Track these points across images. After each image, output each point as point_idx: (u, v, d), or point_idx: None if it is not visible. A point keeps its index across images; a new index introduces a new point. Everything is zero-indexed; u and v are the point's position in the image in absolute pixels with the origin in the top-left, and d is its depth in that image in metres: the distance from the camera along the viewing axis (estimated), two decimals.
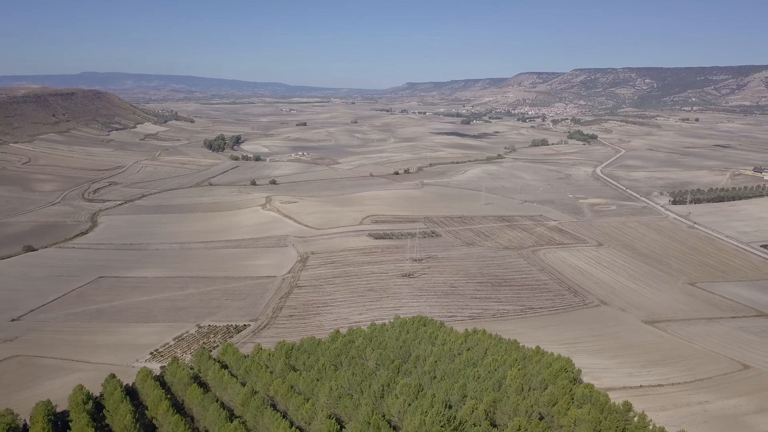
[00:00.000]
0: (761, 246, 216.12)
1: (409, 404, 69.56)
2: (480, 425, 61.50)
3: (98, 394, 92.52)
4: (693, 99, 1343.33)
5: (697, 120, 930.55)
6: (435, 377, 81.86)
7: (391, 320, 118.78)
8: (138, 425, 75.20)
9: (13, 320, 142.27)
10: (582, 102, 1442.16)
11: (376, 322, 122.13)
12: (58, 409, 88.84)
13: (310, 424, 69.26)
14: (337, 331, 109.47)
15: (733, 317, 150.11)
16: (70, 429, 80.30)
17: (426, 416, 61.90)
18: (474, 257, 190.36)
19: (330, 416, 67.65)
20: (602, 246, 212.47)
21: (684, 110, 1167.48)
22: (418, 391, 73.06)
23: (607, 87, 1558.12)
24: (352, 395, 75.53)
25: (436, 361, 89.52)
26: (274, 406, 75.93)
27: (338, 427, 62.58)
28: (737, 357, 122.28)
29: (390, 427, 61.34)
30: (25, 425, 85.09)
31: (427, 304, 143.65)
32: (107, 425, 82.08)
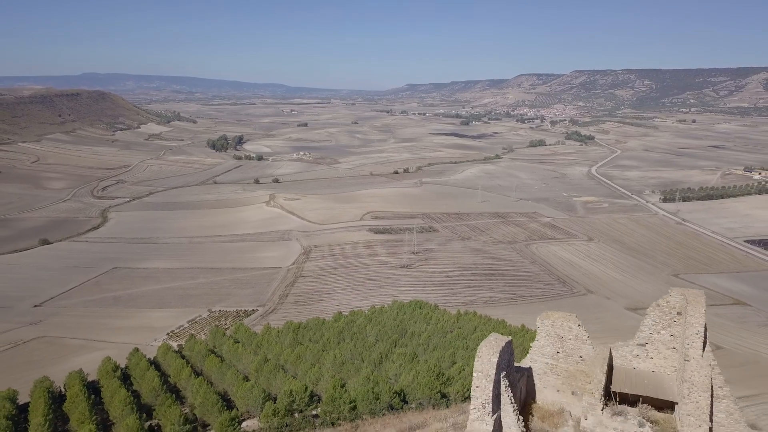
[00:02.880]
0: (745, 241, 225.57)
1: (404, 368, 79.09)
2: (465, 380, 70.98)
3: (124, 366, 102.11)
4: (691, 100, 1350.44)
5: (694, 121, 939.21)
6: (428, 348, 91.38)
7: (390, 304, 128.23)
8: (164, 387, 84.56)
9: (36, 306, 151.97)
10: (581, 103, 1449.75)
11: (375, 306, 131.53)
12: (88, 379, 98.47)
13: (317, 384, 78.73)
14: (340, 313, 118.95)
15: (711, 305, 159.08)
16: (101, 394, 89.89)
17: (418, 374, 71.36)
18: (469, 250, 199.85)
19: (334, 377, 77.07)
20: (592, 241, 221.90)
21: (682, 112, 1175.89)
22: (413, 358, 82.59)
23: (606, 88, 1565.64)
24: (354, 362, 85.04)
25: (429, 336, 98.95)
26: (284, 371, 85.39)
27: (342, 383, 71.93)
28: (711, 339, 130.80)
29: (387, 383, 70.72)
30: (60, 392, 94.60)
31: (424, 291, 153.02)
32: (135, 391, 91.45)
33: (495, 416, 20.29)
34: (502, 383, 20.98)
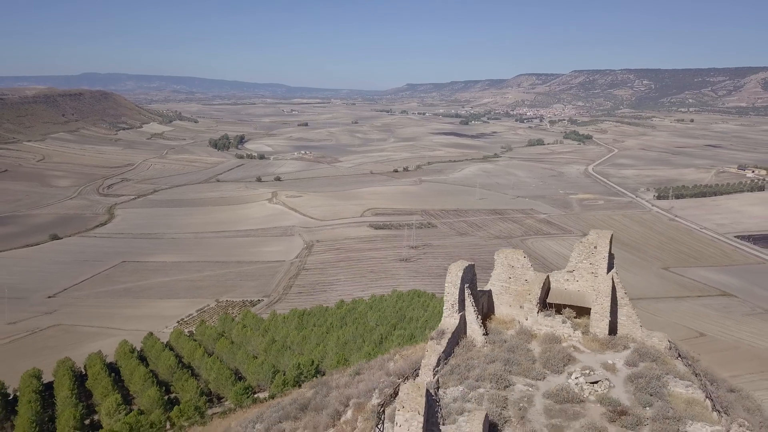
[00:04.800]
0: (735, 236, 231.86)
1: (403, 346, 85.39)
2: None
3: (139, 349, 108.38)
4: (690, 100, 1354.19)
5: (692, 121, 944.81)
6: (426, 330, 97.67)
7: (389, 293, 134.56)
8: (180, 365, 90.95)
9: (49, 297, 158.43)
10: (580, 103, 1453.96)
11: (375, 295, 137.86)
12: (106, 361, 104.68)
13: (322, 361, 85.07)
14: (342, 301, 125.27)
15: (698, 296, 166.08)
16: (120, 373, 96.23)
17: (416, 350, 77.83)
18: (466, 245, 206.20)
19: (338, 354, 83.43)
20: (587, 236, 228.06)
21: (681, 111, 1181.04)
22: (411, 338, 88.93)
23: (606, 88, 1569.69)
24: (356, 341, 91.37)
25: (427, 321, 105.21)
26: (291, 351, 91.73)
27: (345, 358, 78.28)
28: (695, 327, 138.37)
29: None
30: (81, 372, 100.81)
31: (422, 283, 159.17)
32: (152, 370, 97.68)
33: (460, 314, 27.58)
34: (465, 291, 28.22)
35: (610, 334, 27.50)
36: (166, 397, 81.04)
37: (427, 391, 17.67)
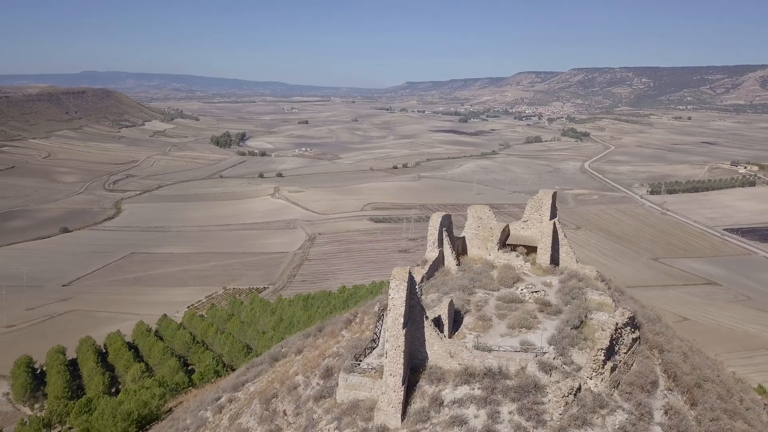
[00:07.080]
0: (724, 230, 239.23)
1: None
2: None
3: (155, 330, 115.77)
4: (689, 98, 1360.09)
5: (689, 118, 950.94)
6: None
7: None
8: (194, 342, 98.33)
9: (64, 285, 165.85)
10: (579, 101, 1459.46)
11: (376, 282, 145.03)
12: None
13: None
14: (344, 286, 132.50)
15: (685, 284, 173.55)
16: (138, 350, 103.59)
17: None
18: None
19: None
20: (580, 229, 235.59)
21: (679, 109, 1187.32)
22: None
23: (605, 86, 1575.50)
24: None
25: None
26: (298, 329, 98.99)
27: None
28: (680, 312, 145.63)
29: None
30: (102, 351, 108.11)
31: None
32: (168, 347, 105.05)
33: (439, 249, 35.28)
34: (444, 233, 35.99)
35: (552, 265, 35.32)
36: (184, 369, 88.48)
37: (410, 273, 24.83)
